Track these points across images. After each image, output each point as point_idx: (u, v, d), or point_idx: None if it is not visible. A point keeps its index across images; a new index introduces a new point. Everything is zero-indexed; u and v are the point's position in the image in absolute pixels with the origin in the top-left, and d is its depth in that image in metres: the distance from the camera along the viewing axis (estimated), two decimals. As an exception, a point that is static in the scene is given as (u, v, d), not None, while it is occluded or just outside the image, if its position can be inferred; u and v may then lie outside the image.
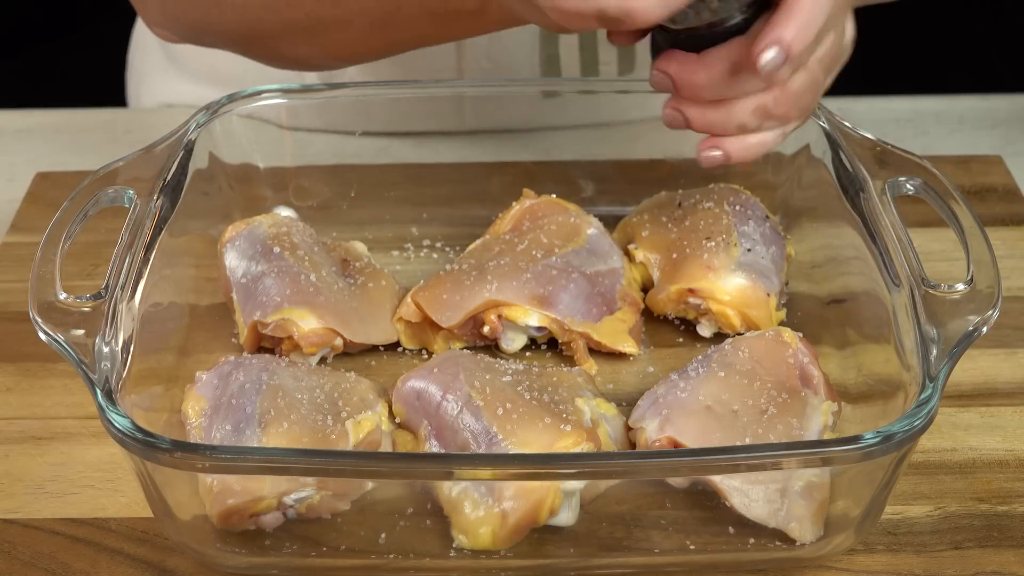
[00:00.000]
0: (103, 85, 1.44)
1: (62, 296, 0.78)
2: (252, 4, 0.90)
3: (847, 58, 0.87)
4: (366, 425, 0.80)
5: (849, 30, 0.85)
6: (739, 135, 0.82)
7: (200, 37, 0.98)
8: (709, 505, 0.77)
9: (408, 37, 0.91)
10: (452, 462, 0.75)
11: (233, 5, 0.91)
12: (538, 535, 0.77)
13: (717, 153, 0.83)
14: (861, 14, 0.89)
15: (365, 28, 0.90)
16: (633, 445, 0.82)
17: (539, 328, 0.90)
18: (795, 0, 0.76)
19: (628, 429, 0.83)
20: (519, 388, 0.81)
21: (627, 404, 0.85)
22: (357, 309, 0.91)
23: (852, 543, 0.77)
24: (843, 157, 0.90)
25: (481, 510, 0.75)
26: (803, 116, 0.83)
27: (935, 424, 0.73)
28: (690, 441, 0.78)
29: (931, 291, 0.79)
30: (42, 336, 0.77)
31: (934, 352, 0.75)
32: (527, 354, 0.91)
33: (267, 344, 0.90)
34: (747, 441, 0.77)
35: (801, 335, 0.86)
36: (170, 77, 1.22)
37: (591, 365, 0.90)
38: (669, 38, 0.81)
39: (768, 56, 0.76)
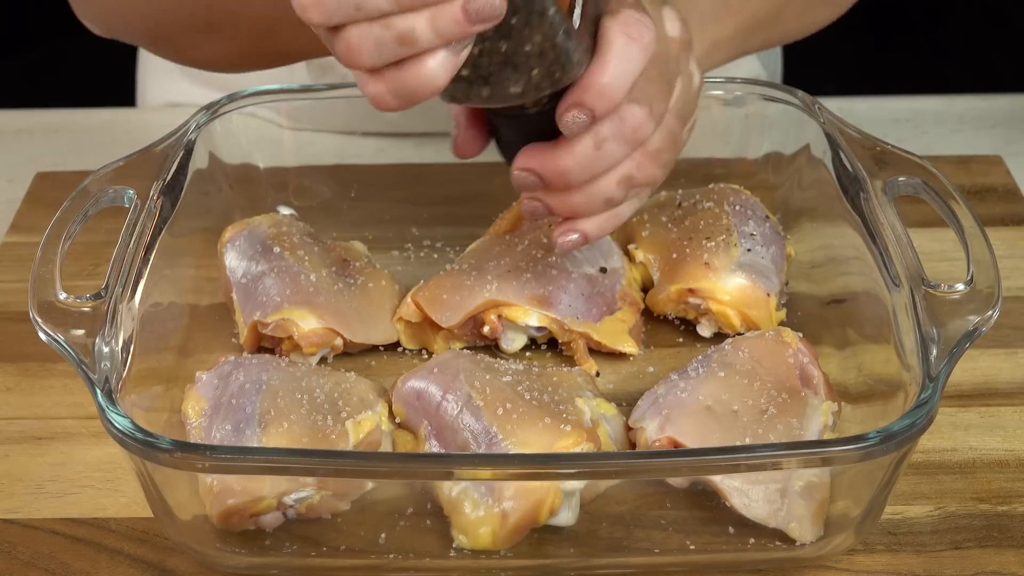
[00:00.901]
0: (103, 85, 1.44)
1: (62, 296, 0.78)
2: (152, 9, 0.94)
3: (698, 112, 0.84)
4: (366, 425, 0.80)
5: (696, 76, 0.82)
6: (606, 211, 0.80)
7: (114, 32, 1.00)
8: (709, 505, 0.77)
9: (297, 46, 0.92)
10: (452, 462, 0.75)
11: (131, 4, 0.94)
12: (538, 535, 0.77)
13: (575, 237, 0.81)
14: (860, 14, 0.89)
15: (253, 37, 0.92)
16: (633, 445, 0.82)
17: (539, 328, 0.90)
18: (601, 53, 0.73)
19: (628, 429, 0.83)
20: (519, 388, 0.81)
21: (627, 404, 0.85)
22: (357, 309, 0.91)
23: (852, 543, 0.77)
24: (843, 157, 0.90)
25: (481, 510, 0.75)
26: (666, 174, 0.81)
27: (935, 424, 0.73)
28: (690, 441, 0.78)
29: (931, 291, 0.79)
30: (42, 336, 0.77)
31: (934, 352, 0.75)
32: (527, 354, 0.91)
33: (267, 344, 0.90)
34: (747, 441, 0.77)
35: (801, 335, 0.86)
36: (174, 77, 1.22)
37: (591, 365, 0.90)
38: (510, 128, 0.78)
39: (570, 118, 0.74)
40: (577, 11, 0.72)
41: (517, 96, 0.72)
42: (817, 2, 0.99)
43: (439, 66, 0.68)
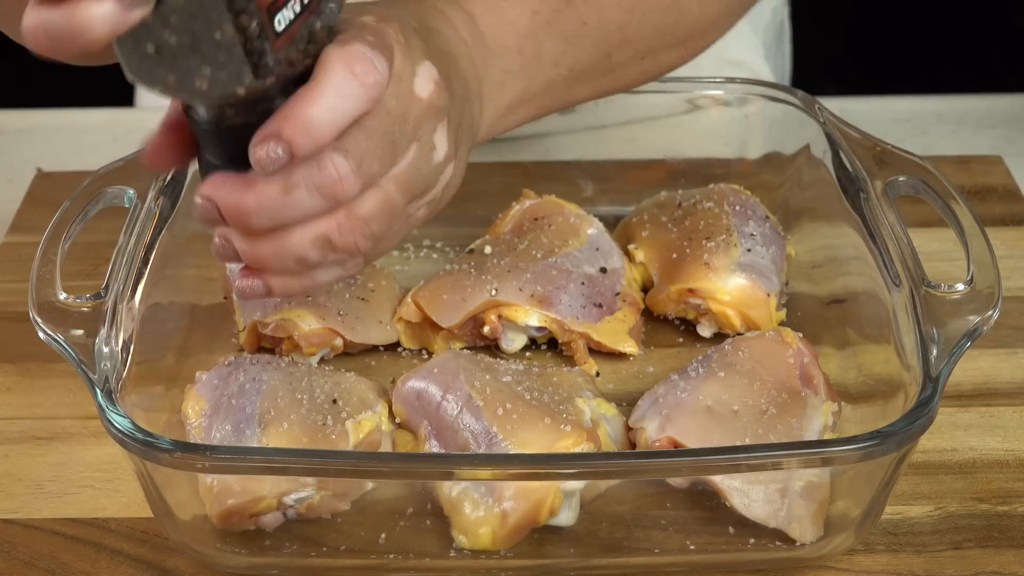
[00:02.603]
0: (103, 85, 1.44)
1: (62, 296, 0.78)
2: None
3: (440, 189, 0.74)
4: (366, 425, 0.80)
5: (442, 150, 0.72)
6: (300, 270, 0.70)
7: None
8: (709, 505, 0.77)
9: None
10: (452, 462, 0.75)
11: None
12: (538, 535, 0.77)
13: (256, 285, 0.70)
14: (860, 14, 0.89)
15: None
16: (633, 445, 0.82)
17: (539, 328, 0.90)
18: (315, 83, 0.64)
19: (628, 429, 0.83)
20: (519, 388, 0.81)
21: (627, 404, 0.85)
22: (357, 309, 0.91)
23: (852, 543, 0.77)
24: (843, 157, 0.90)
25: (481, 510, 0.75)
26: (375, 248, 0.70)
27: (935, 424, 0.73)
28: (690, 441, 0.78)
29: (931, 291, 0.79)
30: (42, 336, 0.77)
31: (934, 352, 0.75)
32: (527, 354, 0.91)
33: (267, 344, 0.90)
34: (747, 441, 0.77)
35: (801, 335, 0.86)
36: None
37: (591, 365, 0.90)
38: (207, 143, 0.69)
39: (262, 152, 0.63)
40: (285, 14, 0.64)
41: (203, 94, 0.63)
42: (659, 47, 0.88)
43: (103, 16, 0.59)
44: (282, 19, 0.64)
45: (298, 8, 0.65)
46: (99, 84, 1.51)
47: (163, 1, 0.61)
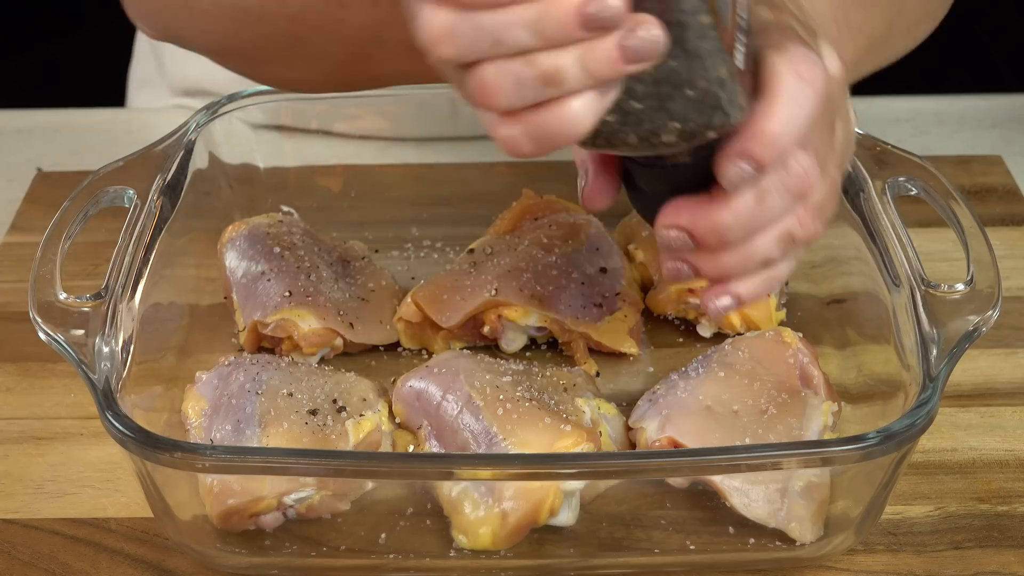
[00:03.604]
0: (103, 85, 1.44)
1: (62, 296, 0.78)
2: (223, 16, 0.82)
3: (852, 152, 0.75)
4: (366, 425, 0.80)
5: (853, 117, 0.73)
6: (762, 271, 0.69)
7: (176, 40, 0.91)
8: (709, 505, 0.77)
9: (389, 70, 0.83)
10: (452, 462, 0.75)
11: (205, 13, 0.83)
12: (538, 535, 0.77)
13: (728, 302, 0.70)
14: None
15: (344, 57, 0.83)
16: (633, 445, 0.82)
17: (539, 328, 0.90)
18: (770, 96, 0.64)
19: (628, 429, 0.83)
20: (519, 388, 0.81)
21: (627, 404, 0.85)
22: (357, 309, 0.91)
23: (852, 543, 0.77)
24: (843, 157, 0.90)
25: (481, 510, 0.75)
26: (825, 229, 0.71)
27: (935, 424, 0.73)
28: (690, 441, 0.78)
29: (931, 291, 0.79)
30: (42, 336, 0.77)
31: (934, 352, 0.75)
32: (527, 354, 0.91)
33: (267, 344, 0.90)
34: (747, 441, 0.77)
35: (801, 335, 0.86)
36: (163, 92, 1.22)
37: (591, 365, 0.90)
38: (652, 179, 0.68)
39: (735, 171, 0.64)
40: (740, 48, 0.63)
41: (669, 145, 0.63)
42: (921, 16, 0.91)
43: (584, 109, 0.59)
44: (739, 54, 0.63)
45: (744, 39, 0.64)
46: (99, 84, 1.51)
47: (633, 75, 0.60)
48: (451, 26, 0.58)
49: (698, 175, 0.66)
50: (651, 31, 0.58)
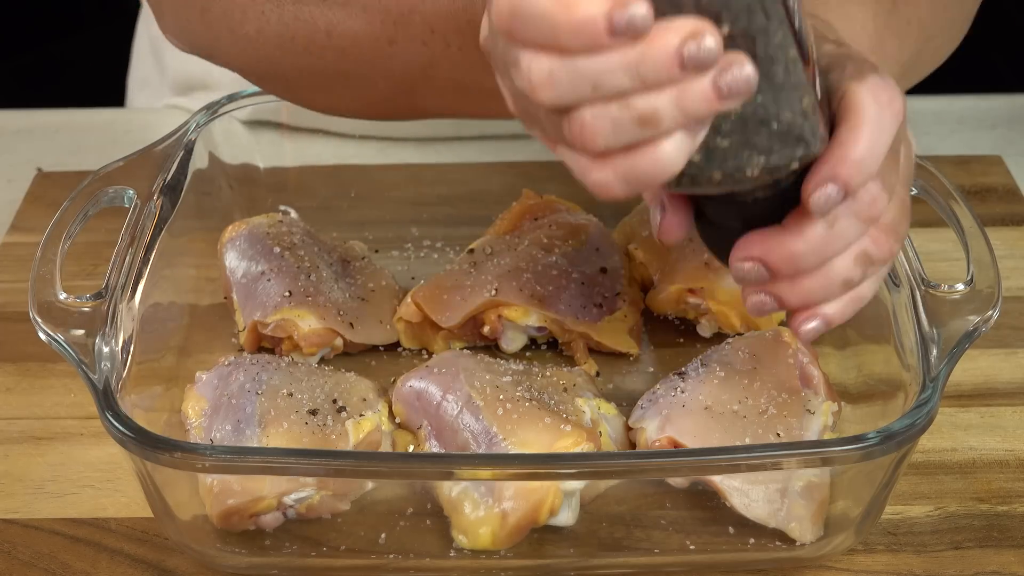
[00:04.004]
0: (103, 85, 1.44)
1: (62, 296, 0.78)
2: (267, 43, 0.81)
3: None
4: (366, 425, 0.80)
5: (913, 140, 0.74)
6: (845, 292, 0.70)
7: (213, 59, 0.88)
8: (709, 505, 0.77)
9: (435, 106, 0.83)
10: (452, 462, 0.75)
11: (248, 39, 0.82)
12: (538, 535, 0.77)
13: (816, 324, 0.70)
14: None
15: (389, 91, 0.82)
16: (633, 445, 0.82)
17: (539, 328, 0.90)
18: (855, 122, 0.65)
19: (628, 429, 0.83)
20: (519, 388, 0.81)
21: (627, 404, 0.85)
22: (357, 309, 0.91)
23: (852, 543, 0.77)
24: (843, 157, 0.90)
25: (481, 510, 0.75)
26: (901, 246, 0.72)
27: (935, 424, 0.73)
28: (690, 441, 0.78)
29: (931, 291, 0.79)
30: (42, 336, 0.77)
31: (934, 352, 0.75)
32: (527, 354, 0.91)
33: (267, 344, 0.90)
34: (747, 441, 0.77)
35: (801, 335, 0.86)
36: (163, 92, 1.22)
37: (591, 365, 0.90)
38: (727, 213, 0.68)
39: (821, 198, 0.64)
40: (818, 80, 0.64)
41: (750, 180, 0.63)
42: (946, 41, 0.92)
43: (675, 150, 0.60)
44: (818, 85, 0.64)
45: (817, 69, 0.64)
46: (99, 84, 1.51)
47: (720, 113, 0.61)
48: (552, 72, 0.58)
49: (771, 208, 0.66)
50: (745, 68, 0.58)
